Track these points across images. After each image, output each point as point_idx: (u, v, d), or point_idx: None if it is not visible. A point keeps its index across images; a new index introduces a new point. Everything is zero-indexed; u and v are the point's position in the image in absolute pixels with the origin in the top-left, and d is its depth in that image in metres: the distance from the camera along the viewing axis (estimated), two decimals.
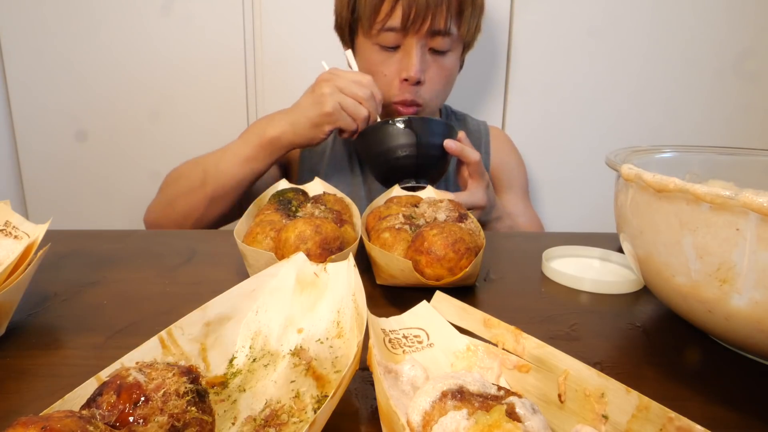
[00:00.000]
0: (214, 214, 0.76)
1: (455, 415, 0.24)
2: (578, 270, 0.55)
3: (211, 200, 0.75)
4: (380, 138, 0.73)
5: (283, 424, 0.29)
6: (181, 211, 0.77)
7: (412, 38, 0.77)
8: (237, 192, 0.76)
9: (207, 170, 0.76)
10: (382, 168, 0.75)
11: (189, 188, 0.77)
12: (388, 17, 0.76)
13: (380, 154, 0.74)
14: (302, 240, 0.45)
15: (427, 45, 0.78)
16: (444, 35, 0.78)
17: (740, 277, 0.31)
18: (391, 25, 0.76)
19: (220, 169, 0.75)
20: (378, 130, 0.73)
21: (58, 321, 0.43)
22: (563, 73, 1.05)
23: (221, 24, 1.02)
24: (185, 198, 0.77)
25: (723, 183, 0.48)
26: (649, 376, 0.36)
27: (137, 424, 0.22)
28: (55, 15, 1.02)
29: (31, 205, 1.13)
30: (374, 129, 0.73)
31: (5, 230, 0.44)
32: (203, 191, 0.75)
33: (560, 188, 0.91)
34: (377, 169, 0.76)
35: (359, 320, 0.32)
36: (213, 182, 0.75)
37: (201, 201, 0.75)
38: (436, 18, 0.75)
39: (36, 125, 1.08)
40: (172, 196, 0.79)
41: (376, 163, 0.76)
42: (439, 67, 0.81)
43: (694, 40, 1.03)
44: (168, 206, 0.80)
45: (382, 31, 0.77)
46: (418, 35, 0.76)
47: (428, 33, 0.77)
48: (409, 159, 0.72)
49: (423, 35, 0.76)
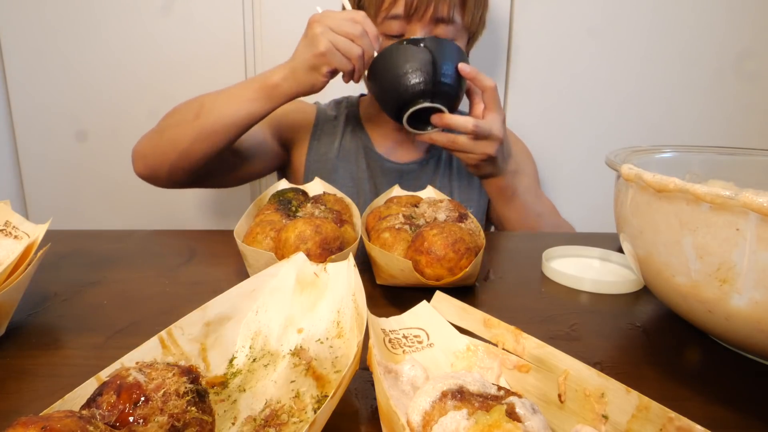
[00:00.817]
0: (200, 149, 0.74)
1: (455, 415, 0.24)
2: (578, 270, 0.55)
3: (200, 134, 0.73)
4: (393, 61, 0.71)
5: (283, 424, 0.29)
6: (169, 139, 0.76)
7: (416, 25, 0.77)
8: (228, 133, 0.74)
9: (203, 104, 0.75)
10: (395, 93, 0.72)
11: (182, 119, 0.76)
12: (392, 5, 0.76)
13: (394, 78, 0.71)
14: (302, 240, 0.45)
15: (431, 32, 0.78)
16: (447, 23, 0.77)
17: (740, 277, 0.31)
18: (395, 12, 0.76)
19: (216, 106, 0.74)
20: (391, 53, 0.71)
21: (58, 321, 0.43)
22: (563, 73, 1.05)
23: (221, 24, 1.02)
24: (176, 128, 0.76)
25: (723, 183, 0.48)
26: (649, 376, 0.36)
27: (137, 424, 0.22)
28: (55, 15, 1.02)
29: (31, 205, 1.13)
30: (387, 52, 0.71)
31: (5, 230, 0.44)
32: (195, 123, 0.74)
33: (560, 188, 0.91)
34: (390, 95, 0.73)
35: (359, 320, 0.32)
36: (206, 116, 0.73)
37: (190, 133, 0.74)
38: (440, 5, 0.76)
39: (36, 125, 1.08)
40: (164, 126, 0.78)
41: (389, 89, 0.73)
42: None
43: (694, 40, 1.03)
44: (157, 134, 0.78)
45: (387, 20, 0.77)
46: (422, 23, 0.76)
47: (432, 20, 0.77)
48: (426, 77, 0.69)
49: (427, 22, 0.76)
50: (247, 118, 0.73)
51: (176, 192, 1.11)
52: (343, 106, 0.96)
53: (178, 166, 0.76)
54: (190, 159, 0.75)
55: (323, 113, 0.94)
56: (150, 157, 0.78)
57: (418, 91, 0.70)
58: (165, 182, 0.80)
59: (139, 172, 0.80)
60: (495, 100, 0.71)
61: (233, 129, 0.74)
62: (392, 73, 0.71)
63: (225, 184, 0.90)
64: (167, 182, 0.80)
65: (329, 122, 0.94)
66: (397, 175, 0.90)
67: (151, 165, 0.78)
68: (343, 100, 0.98)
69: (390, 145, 0.91)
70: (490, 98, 0.71)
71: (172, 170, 0.77)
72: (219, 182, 0.88)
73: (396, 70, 0.71)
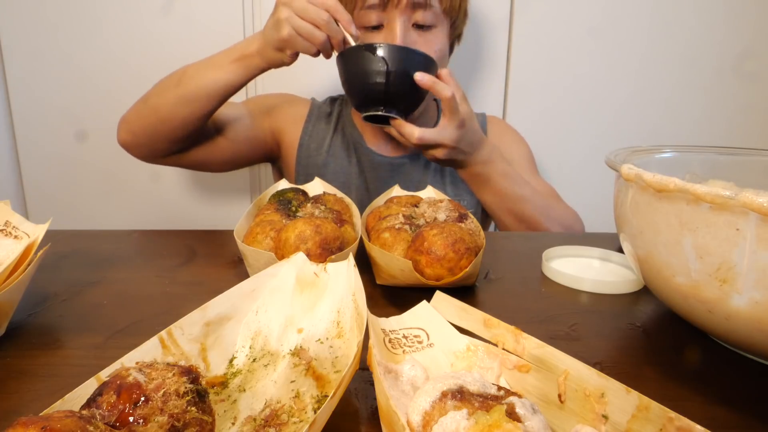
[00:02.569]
0: (179, 114, 0.76)
1: (455, 415, 0.24)
2: (578, 270, 0.55)
3: (179, 99, 0.76)
4: (353, 62, 0.72)
5: (283, 424, 0.29)
6: (151, 105, 0.78)
7: (393, 12, 0.77)
8: (207, 99, 0.76)
9: (186, 72, 0.77)
10: (353, 93, 0.74)
11: (165, 87, 0.78)
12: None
13: (353, 78, 0.73)
14: (302, 240, 0.45)
15: (410, 20, 0.78)
16: (425, 8, 0.78)
17: (740, 277, 0.31)
18: (371, 2, 0.76)
19: (197, 73, 0.76)
20: (352, 55, 0.72)
21: (58, 321, 0.43)
22: (563, 73, 1.05)
23: (221, 23, 1.02)
24: (158, 95, 0.78)
25: (723, 183, 0.47)
26: (649, 376, 0.36)
27: (137, 424, 0.22)
28: (55, 14, 1.02)
29: (31, 205, 1.12)
30: (349, 52, 0.72)
31: (5, 230, 0.44)
32: (176, 90, 0.76)
33: (560, 188, 0.91)
34: (350, 93, 0.76)
35: (359, 320, 0.32)
36: (187, 83, 0.76)
37: (171, 99, 0.76)
38: None
39: (36, 125, 1.08)
40: (149, 95, 0.81)
41: (349, 88, 0.75)
42: (425, 42, 0.80)
43: (694, 40, 1.03)
44: (142, 102, 0.81)
45: (364, 10, 0.77)
46: (399, 9, 0.76)
47: (409, 6, 0.77)
48: (378, 86, 0.70)
49: (404, 9, 0.77)
50: (225, 86, 0.75)
51: (176, 191, 1.11)
52: (338, 104, 0.97)
53: (159, 133, 0.79)
54: (170, 124, 0.77)
55: (317, 108, 0.95)
56: (132, 123, 0.80)
57: (371, 98, 0.71)
58: (146, 151, 0.82)
59: (121, 139, 0.82)
60: (450, 109, 0.71)
61: (212, 96, 0.76)
62: (351, 75, 0.73)
63: (210, 166, 0.90)
64: (148, 151, 0.82)
65: (322, 117, 0.95)
66: (388, 169, 0.90)
67: (133, 131, 0.80)
68: (339, 98, 0.98)
69: (381, 139, 0.92)
70: (446, 107, 0.71)
71: (153, 137, 0.79)
72: (204, 163, 0.88)
73: (353, 74, 0.72)
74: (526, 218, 0.79)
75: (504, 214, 0.80)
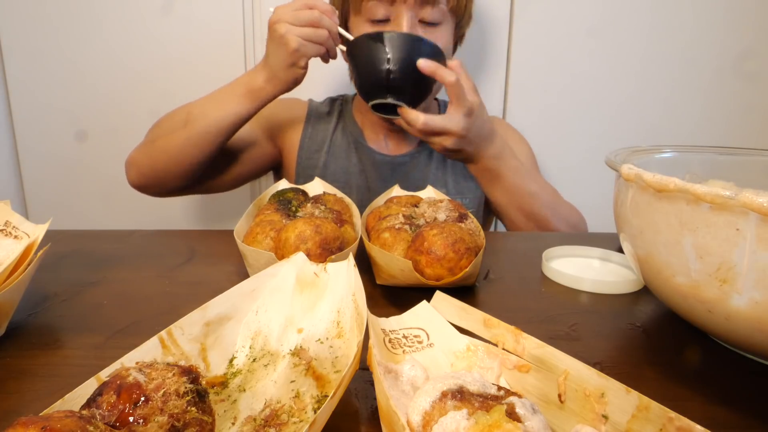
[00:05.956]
0: (191, 155, 0.76)
1: (455, 415, 0.24)
2: (578, 270, 0.55)
3: (189, 139, 0.76)
4: (361, 51, 0.72)
5: (283, 424, 0.29)
6: (160, 147, 0.78)
7: (401, 7, 0.77)
8: (217, 136, 0.76)
9: (191, 112, 0.77)
10: (361, 82, 0.75)
11: (171, 128, 0.78)
12: None
13: (361, 66, 0.73)
14: (302, 240, 0.45)
15: (417, 16, 0.78)
16: (433, 5, 0.78)
17: (740, 277, 0.31)
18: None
19: (204, 112, 0.76)
20: (359, 44, 0.72)
21: (58, 321, 0.43)
22: (563, 73, 1.05)
23: (221, 23, 1.02)
24: (166, 137, 0.78)
25: (723, 183, 0.47)
26: (649, 376, 0.36)
27: (137, 424, 0.22)
28: (56, 14, 1.02)
29: (31, 205, 1.12)
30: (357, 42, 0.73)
31: (5, 230, 0.44)
32: (184, 130, 0.76)
33: (560, 188, 0.91)
34: (358, 83, 0.76)
35: (359, 320, 0.32)
36: (195, 123, 0.76)
37: (181, 140, 0.76)
38: None
39: (36, 125, 1.08)
40: (154, 136, 0.80)
41: (357, 77, 0.75)
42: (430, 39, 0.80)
43: (694, 40, 1.03)
44: (149, 144, 0.81)
45: (372, 2, 0.77)
46: (407, 4, 0.76)
47: (417, 2, 0.77)
48: (385, 74, 0.70)
49: (412, 4, 0.77)
50: (235, 120, 0.76)
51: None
52: (338, 103, 0.97)
53: (170, 173, 0.79)
54: (181, 165, 0.78)
55: (315, 109, 0.95)
56: (142, 165, 0.81)
57: (376, 87, 0.72)
58: (158, 190, 0.83)
59: (132, 181, 0.82)
60: (456, 96, 0.70)
61: (222, 132, 0.76)
62: (359, 63, 0.73)
63: (218, 189, 0.91)
64: (160, 190, 0.83)
65: (322, 118, 0.94)
66: (389, 168, 0.90)
67: (145, 174, 0.81)
68: (339, 98, 0.98)
69: (381, 137, 0.91)
70: (452, 93, 0.70)
71: (164, 178, 0.79)
72: (212, 187, 0.89)
73: (362, 63, 0.72)
74: (535, 215, 0.78)
75: (513, 211, 0.80)
